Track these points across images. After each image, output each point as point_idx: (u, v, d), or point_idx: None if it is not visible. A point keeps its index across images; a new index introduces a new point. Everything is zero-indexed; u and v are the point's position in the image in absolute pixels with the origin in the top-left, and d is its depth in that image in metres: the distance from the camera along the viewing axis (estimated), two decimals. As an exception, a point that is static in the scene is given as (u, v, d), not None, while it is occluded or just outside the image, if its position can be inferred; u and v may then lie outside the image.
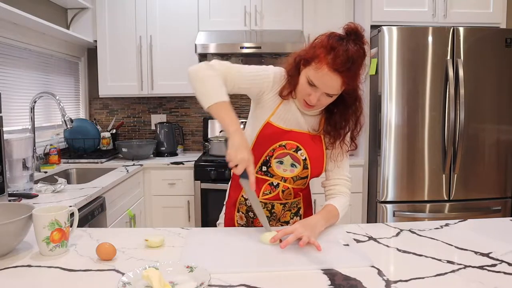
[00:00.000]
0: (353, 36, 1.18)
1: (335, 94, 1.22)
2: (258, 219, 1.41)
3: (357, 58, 1.16)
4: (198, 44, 2.92)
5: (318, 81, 1.19)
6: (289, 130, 1.34)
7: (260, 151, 1.35)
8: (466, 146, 2.71)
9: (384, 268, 1.01)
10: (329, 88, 1.20)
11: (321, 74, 1.17)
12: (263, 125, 1.34)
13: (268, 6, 3.07)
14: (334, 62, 1.15)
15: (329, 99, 1.24)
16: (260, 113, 1.36)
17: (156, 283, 0.86)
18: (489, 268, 1.00)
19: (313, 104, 1.24)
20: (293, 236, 1.12)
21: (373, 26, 2.82)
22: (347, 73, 1.16)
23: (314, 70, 1.18)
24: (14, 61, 2.49)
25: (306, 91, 1.23)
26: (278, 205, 1.40)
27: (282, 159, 1.35)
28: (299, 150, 1.34)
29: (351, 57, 1.15)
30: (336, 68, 1.15)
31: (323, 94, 1.22)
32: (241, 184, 1.26)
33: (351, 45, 1.16)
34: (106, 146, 3.20)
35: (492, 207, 2.78)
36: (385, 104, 2.68)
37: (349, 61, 1.14)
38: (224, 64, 1.30)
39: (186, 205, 2.90)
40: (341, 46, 1.15)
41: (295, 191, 1.40)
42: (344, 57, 1.14)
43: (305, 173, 1.37)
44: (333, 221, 1.31)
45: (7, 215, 1.18)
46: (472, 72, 2.68)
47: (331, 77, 1.17)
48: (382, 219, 2.73)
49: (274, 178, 1.37)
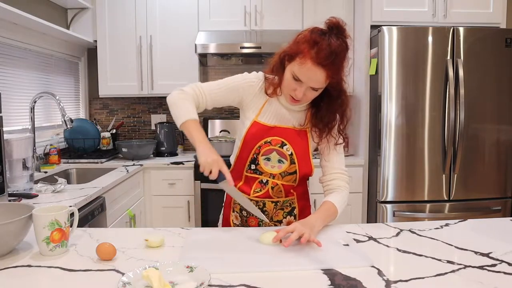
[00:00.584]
0: (335, 30, 1.21)
1: (320, 88, 1.25)
2: (251, 217, 1.42)
3: (340, 52, 1.19)
4: (198, 44, 2.92)
5: (303, 76, 1.22)
6: (273, 126, 1.37)
7: (247, 150, 1.38)
8: (466, 146, 2.71)
9: (384, 268, 1.01)
10: (313, 82, 1.22)
11: (305, 68, 1.20)
12: (250, 124, 1.38)
13: (268, 6, 3.07)
14: (318, 56, 1.17)
15: (314, 93, 1.27)
16: (247, 115, 1.41)
17: (156, 283, 0.86)
18: (489, 268, 1.00)
19: (299, 98, 1.27)
20: (296, 234, 1.13)
21: (373, 26, 2.83)
22: (330, 66, 1.18)
23: (299, 65, 1.21)
24: (14, 61, 2.49)
25: (292, 86, 1.26)
26: (269, 203, 1.41)
27: (269, 156, 1.37)
28: (285, 145, 1.37)
29: (334, 50, 1.17)
30: (319, 62, 1.18)
31: (308, 89, 1.24)
32: (222, 188, 1.30)
33: (333, 39, 1.19)
34: (106, 146, 3.20)
35: (492, 207, 2.78)
36: (385, 104, 2.68)
37: (332, 54, 1.17)
38: (195, 85, 1.39)
39: (186, 205, 2.90)
40: (324, 40, 1.18)
41: (285, 188, 1.40)
42: (327, 51, 1.17)
43: (292, 168, 1.38)
44: (331, 218, 1.32)
45: (7, 215, 1.18)
46: (472, 72, 2.68)
47: (315, 71, 1.19)
48: (382, 219, 2.73)
49: (263, 175, 1.39)
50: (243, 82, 1.39)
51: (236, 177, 1.41)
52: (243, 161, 1.40)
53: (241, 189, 1.41)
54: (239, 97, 1.40)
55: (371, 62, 2.82)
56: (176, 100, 1.35)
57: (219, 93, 1.39)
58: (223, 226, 1.49)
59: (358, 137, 3.01)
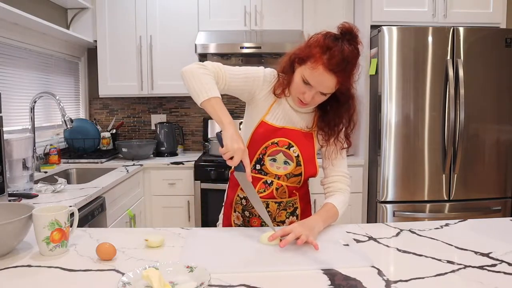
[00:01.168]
0: (348, 36, 1.20)
1: (329, 93, 1.24)
2: (254, 218, 1.42)
3: (352, 59, 1.19)
4: (198, 44, 2.92)
5: (313, 80, 1.21)
6: (281, 127, 1.36)
7: (254, 150, 1.37)
8: (466, 146, 2.71)
9: (384, 268, 1.01)
10: (323, 87, 1.22)
11: (316, 73, 1.19)
12: (258, 124, 1.36)
13: (268, 6, 3.07)
14: (330, 62, 1.16)
15: (323, 97, 1.26)
16: (254, 113, 1.38)
17: (156, 283, 0.86)
18: (489, 268, 1.00)
19: (307, 102, 1.26)
20: (292, 235, 1.12)
21: (373, 26, 2.82)
22: (342, 73, 1.18)
23: (310, 70, 1.20)
24: (14, 61, 2.49)
25: (301, 89, 1.25)
26: (273, 203, 1.40)
27: (275, 157, 1.36)
28: (292, 147, 1.36)
29: (346, 57, 1.17)
30: (331, 68, 1.17)
31: (317, 93, 1.24)
32: (237, 178, 1.27)
33: (346, 45, 1.18)
34: (106, 146, 3.21)
35: (492, 207, 2.78)
36: (385, 104, 2.68)
37: (344, 61, 1.17)
38: (216, 64, 1.33)
39: (186, 205, 2.90)
40: (337, 47, 1.17)
41: (289, 189, 1.40)
42: (339, 58, 1.16)
43: (298, 170, 1.38)
44: (332, 220, 1.31)
45: (7, 215, 1.18)
46: (472, 72, 2.68)
47: (326, 77, 1.19)
48: (382, 219, 2.73)
49: (268, 176, 1.38)
50: (260, 75, 1.35)
51: None
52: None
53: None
54: (253, 92, 1.36)
55: (371, 62, 2.82)
56: (197, 73, 1.26)
57: (237, 79, 1.33)
58: (224, 226, 1.49)
59: (358, 137, 3.01)
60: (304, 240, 1.11)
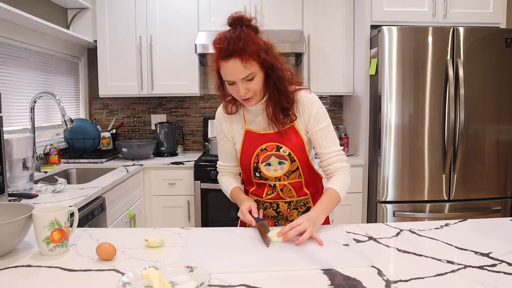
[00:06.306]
0: (231, 24, 1.28)
1: (248, 75, 1.25)
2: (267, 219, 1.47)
3: (243, 36, 1.23)
4: (198, 44, 2.92)
5: (227, 76, 1.27)
6: (264, 133, 1.40)
7: (247, 159, 1.43)
8: (466, 146, 2.71)
9: (384, 268, 1.01)
10: (237, 74, 1.25)
11: (224, 70, 1.26)
12: (244, 134, 1.43)
13: (268, 6, 3.07)
14: (221, 51, 1.23)
15: (253, 82, 1.28)
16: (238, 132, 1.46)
17: (156, 283, 0.86)
18: (489, 268, 1.00)
19: (244, 95, 1.30)
20: (294, 232, 1.17)
21: (373, 26, 2.82)
22: (238, 51, 1.22)
23: (221, 71, 1.28)
24: (14, 61, 2.49)
25: (233, 91, 1.31)
26: (282, 203, 1.45)
27: (268, 161, 1.41)
28: (280, 148, 1.39)
29: (231, 39, 1.22)
30: (226, 55, 1.23)
31: (242, 82, 1.27)
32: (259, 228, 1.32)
33: (228, 33, 1.25)
34: (106, 146, 3.21)
35: (492, 207, 2.78)
36: (385, 104, 2.68)
37: (230, 42, 1.22)
38: (218, 165, 1.57)
39: (186, 205, 2.90)
40: (221, 38, 1.24)
41: (294, 186, 1.43)
42: (225, 43, 1.22)
43: (294, 166, 1.41)
44: (334, 205, 1.34)
45: (7, 215, 1.19)
46: (472, 72, 2.68)
47: (229, 64, 1.24)
48: (382, 219, 2.73)
49: (269, 180, 1.43)
50: (218, 124, 1.49)
51: (248, 183, 1.49)
52: (247, 170, 1.45)
53: (255, 193, 1.48)
54: (228, 135, 1.47)
55: (371, 62, 2.82)
56: (219, 181, 1.55)
57: (224, 150, 1.51)
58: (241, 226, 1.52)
59: (358, 137, 3.01)
60: (307, 238, 1.15)
